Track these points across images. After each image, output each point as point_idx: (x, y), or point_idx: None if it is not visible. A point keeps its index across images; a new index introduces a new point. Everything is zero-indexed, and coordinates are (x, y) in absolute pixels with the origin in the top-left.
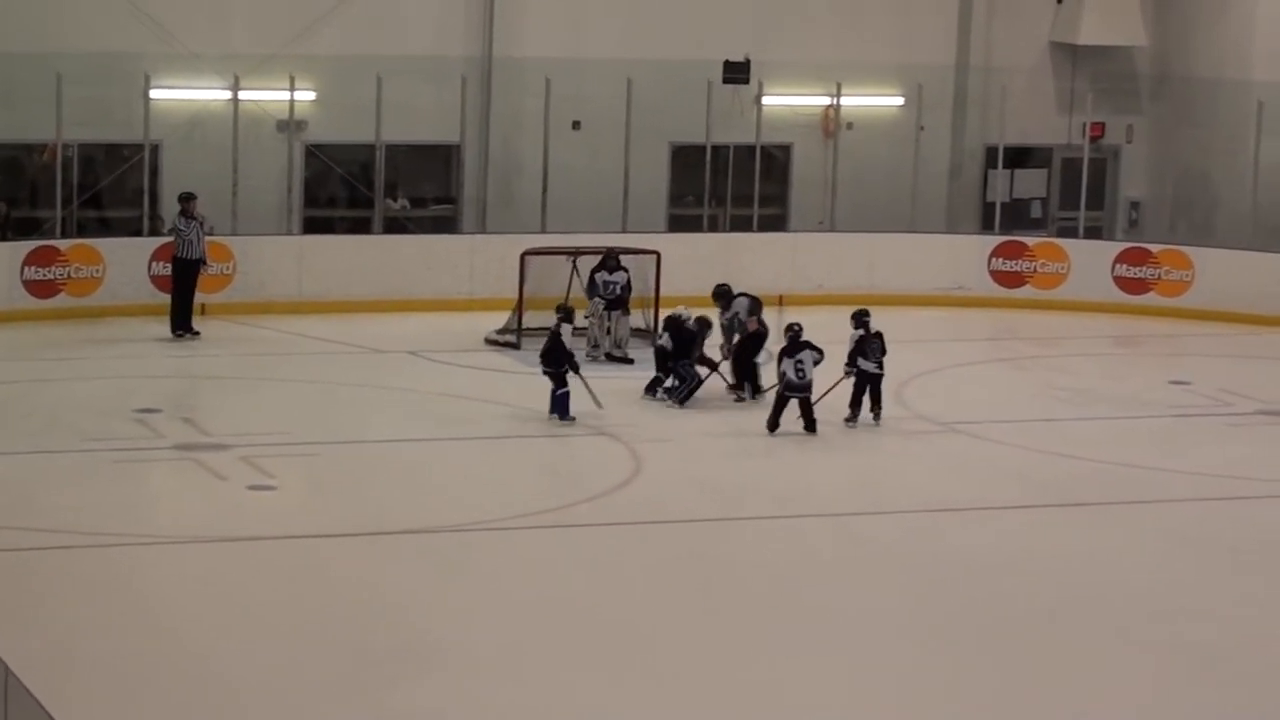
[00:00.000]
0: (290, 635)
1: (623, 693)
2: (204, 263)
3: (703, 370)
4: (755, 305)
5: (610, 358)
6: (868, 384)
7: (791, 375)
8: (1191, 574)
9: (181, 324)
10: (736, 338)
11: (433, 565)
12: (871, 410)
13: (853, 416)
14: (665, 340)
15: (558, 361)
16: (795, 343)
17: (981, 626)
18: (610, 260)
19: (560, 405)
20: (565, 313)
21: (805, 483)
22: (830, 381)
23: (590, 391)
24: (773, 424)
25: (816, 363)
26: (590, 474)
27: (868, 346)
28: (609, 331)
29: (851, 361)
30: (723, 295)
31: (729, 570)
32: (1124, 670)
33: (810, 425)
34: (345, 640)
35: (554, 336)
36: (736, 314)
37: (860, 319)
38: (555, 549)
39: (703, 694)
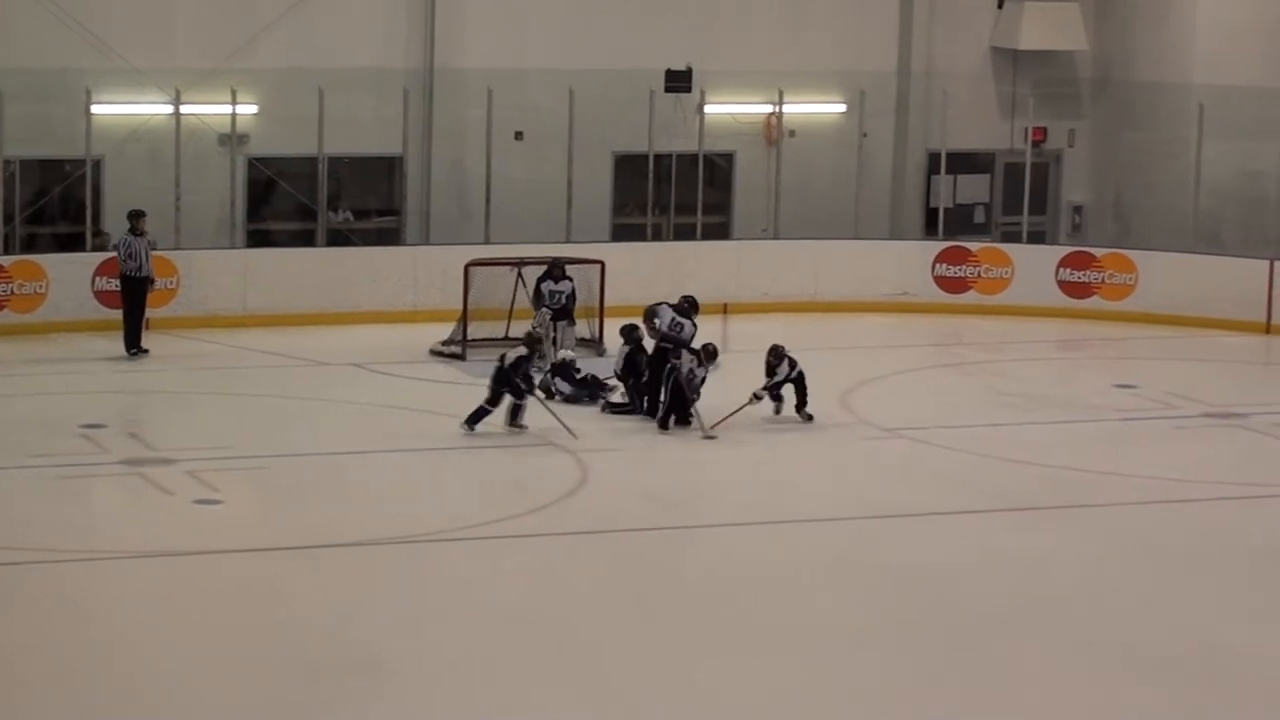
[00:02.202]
0: (238, 650)
1: (572, 703)
2: (152, 280)
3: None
4: (680, 312)
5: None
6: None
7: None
8: (1139, 577)
9: (134, 342)
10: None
11: (380, 578)
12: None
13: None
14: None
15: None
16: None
17: (930, 632)
18: (555, 270)
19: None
20: (533, 341)
21: (752, 491)
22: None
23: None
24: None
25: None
26: (537, 484)
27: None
28: (555, 342)
29: (773, 392)
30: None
31: (678, 579)
32: (1074, 674)
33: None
34: (293, 655)
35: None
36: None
37: (778, 355)
38: (503, 560)
39: (652, 703)
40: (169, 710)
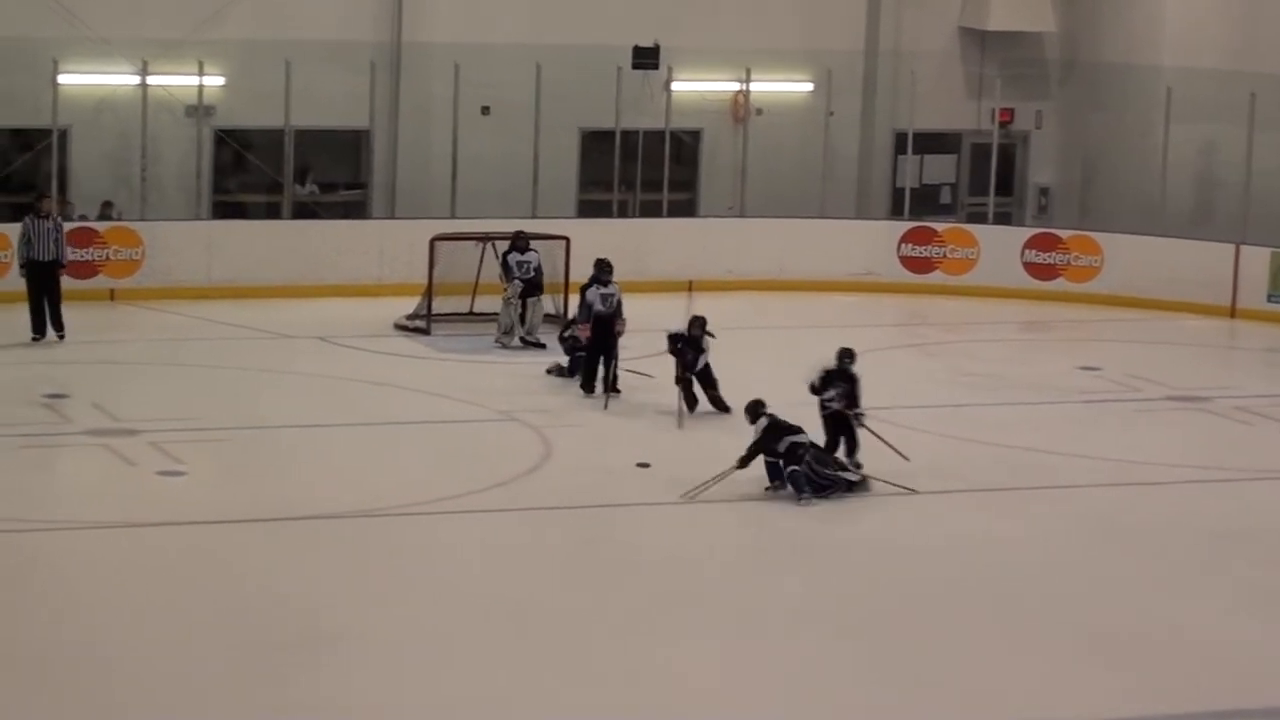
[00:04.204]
0: (198, 622)
1: (529, 678)
2: (60, 264)
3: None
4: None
5: (525, 342)
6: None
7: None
8: (1101, 559)
9: (37, 327)
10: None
11: (341, 551)
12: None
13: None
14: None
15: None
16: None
17: (892, 612)
18: (519, 241)
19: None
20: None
21: (712, 468)
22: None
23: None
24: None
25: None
26: (500, 459)
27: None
28: (523, 319)
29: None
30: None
31: (637, 556)
32: (1036, 656)
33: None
34: (254, 627)
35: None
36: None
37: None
38: (464, 535)
39: (610, 679)
40: (123, 679)
